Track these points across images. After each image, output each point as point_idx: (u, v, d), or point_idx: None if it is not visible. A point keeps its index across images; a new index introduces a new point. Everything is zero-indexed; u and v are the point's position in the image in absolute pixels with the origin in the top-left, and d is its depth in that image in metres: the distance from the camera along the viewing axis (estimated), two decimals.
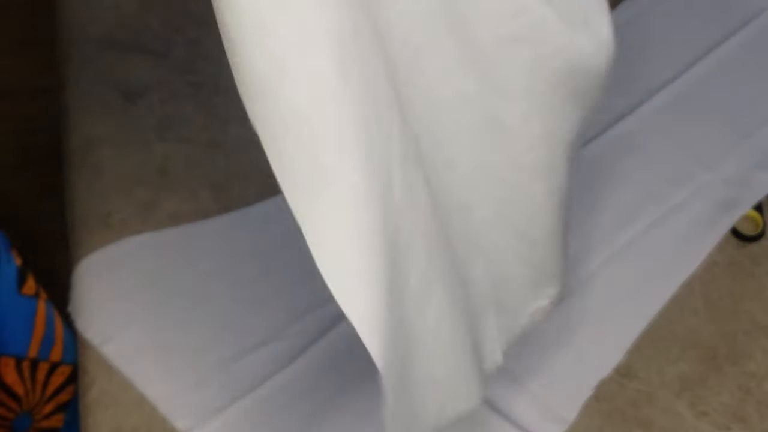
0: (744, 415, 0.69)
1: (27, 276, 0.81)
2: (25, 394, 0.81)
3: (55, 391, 0.85)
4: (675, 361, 0.71)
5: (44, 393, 0.84)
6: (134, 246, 0.79)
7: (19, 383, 0.79)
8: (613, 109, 0.89)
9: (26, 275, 0.81)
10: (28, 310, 0.81)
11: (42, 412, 0.84)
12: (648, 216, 0.80)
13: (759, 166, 0.83)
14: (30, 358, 0.80)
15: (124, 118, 0.90)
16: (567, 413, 0.68)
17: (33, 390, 0.82)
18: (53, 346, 0.83)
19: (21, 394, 0.80)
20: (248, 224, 0.81)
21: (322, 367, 0.71)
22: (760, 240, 0.79)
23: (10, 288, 0.78)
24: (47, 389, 0.84)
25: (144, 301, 0.75)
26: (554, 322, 0.73)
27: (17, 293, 0.78)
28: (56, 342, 0.84)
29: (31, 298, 0.81)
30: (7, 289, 0.78)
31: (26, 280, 0.80)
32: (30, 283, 0.81)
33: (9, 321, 0.78)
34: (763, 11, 0.98)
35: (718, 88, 0.91)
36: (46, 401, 0.84)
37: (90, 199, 0.83)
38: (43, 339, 0.82)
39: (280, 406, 0.69)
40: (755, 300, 0.75)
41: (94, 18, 1.00)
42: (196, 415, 0.68)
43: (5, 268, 0.78)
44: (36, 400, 0.83)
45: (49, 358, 0.83)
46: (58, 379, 0.84)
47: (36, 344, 0.81)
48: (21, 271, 0.80)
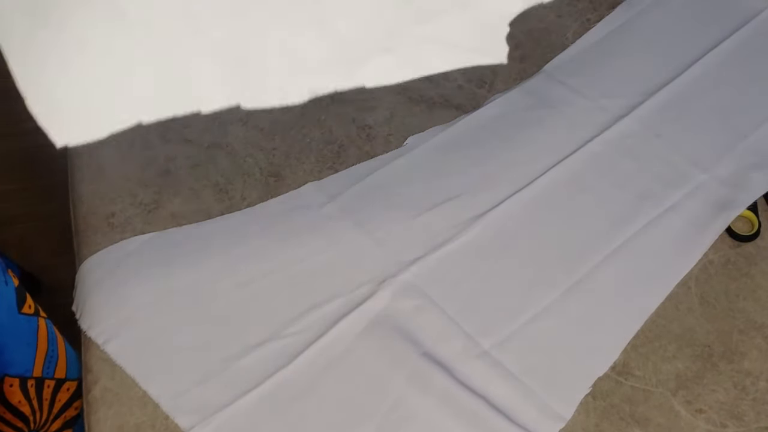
0: (739, 413, 0.69)
1: (25, 295, 0.81)
2: (31, 414, 0.81)
3: (62, 407, 0.85)
4: (671, 360, 0.72)
5: (51, 411, 0.83)
6: (137, 246, 0.80)
7: (26, 403, 0.79)
8: (610, 111, 0.90)
9: (24, 295, 0.81)
10: (30, 329, 0.81)
11: (50, 430, 0.84)
12: (644, 216, 0.81)
13: (754, 167, 0.84)
14: (35, 377, 0.80)
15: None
16: (564, 411, 0.69)
17: (40, 409, 0.82)
18: (57, 362, 0.83)
19: (28, 413, 0.80)
20: (249, 225, 0.81)
21: (322, 367, 0.71)
22: (756, 240, 0.80)
23: (10, 308, 0.78)
24: (54, 407, 0.84)
25: (147, 301, 0.76)
26: (552, 320, 0.74)
27: (17, 313, 0.79)
28: (60, 358, 0.84)
29: (31, 317, 0.81)
30: (7, 310, 0.78)
31: (25, 299, 0.80)
32: (29, 302, 0.81)
33: (11, 341, 0.78)
34: (758, 14, 0.98)
35: (714, 89, 0.91)
36: (54, 418, 0.84)
37: (94, 200, 0.84)
38: (46, 356, 0.82)
39: (281, 404, 0.69)
40: (750, 299, 0.76)
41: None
42: (198, 412, 0.69)
43: (4, 289, 0.78)
44: (44, 418, 0.83)
45: (54, 375, 0.83)
46: (64, 396, 0.85)
47: (40, 362, 0.81)
48: (19, 291, 0.80)
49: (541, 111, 0.90)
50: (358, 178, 0.84)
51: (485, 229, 0.80)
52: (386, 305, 0.74)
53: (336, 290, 0.76)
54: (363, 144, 0.88)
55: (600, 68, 0.94)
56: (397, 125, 0.90)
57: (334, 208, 0.82)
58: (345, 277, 0.77)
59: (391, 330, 0.73)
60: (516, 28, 1.00)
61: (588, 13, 1.01)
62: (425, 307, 0.74)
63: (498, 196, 0.82)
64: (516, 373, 0.71)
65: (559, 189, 0.83)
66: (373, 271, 0.77)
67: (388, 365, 0.71)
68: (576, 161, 0.85)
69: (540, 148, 0.87)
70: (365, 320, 0.73)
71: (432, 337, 0.72)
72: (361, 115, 0.91)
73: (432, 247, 0.78)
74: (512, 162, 0.85)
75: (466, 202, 0.82)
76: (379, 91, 0.93)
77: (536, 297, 0.75)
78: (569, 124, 0.89)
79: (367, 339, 0.73)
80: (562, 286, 0.76)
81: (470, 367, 0.71)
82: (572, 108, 0.90)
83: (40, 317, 0.82)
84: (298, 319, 0.74)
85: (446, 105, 0.92)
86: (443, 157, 0.86)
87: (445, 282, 0.76)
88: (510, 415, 0.68)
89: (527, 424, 0.68)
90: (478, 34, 0.98)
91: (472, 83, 0.94)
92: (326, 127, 0.90)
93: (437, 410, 0.68)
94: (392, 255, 0.78)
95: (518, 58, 0.97)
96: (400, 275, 0.76)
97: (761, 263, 0.78)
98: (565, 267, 0.77)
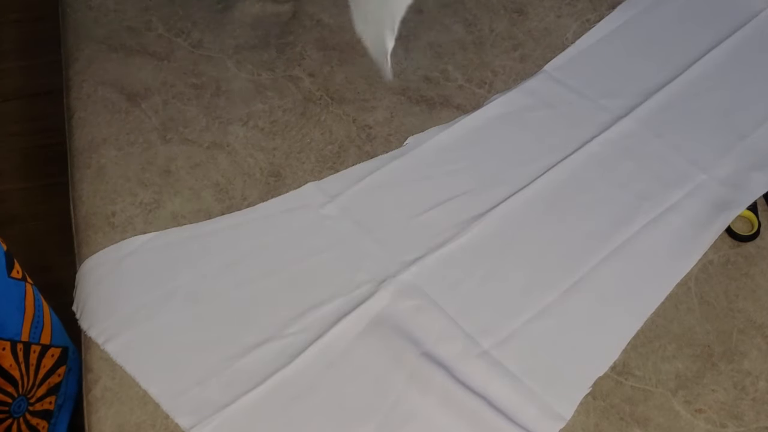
0: (739, 413, 0.69)
1: (13, 260, 0.81)
2: (20, 378, 0.81)
3: (47, 373, 0.85)
4: (671, 359, 0.72)
5: (37, 376, 0.83)
6: (138, 246, 0.80)
7: (15, 367, 0.79)
8: (610, 111, 0.90)
9: (13, 260, 0.81)
10: (19, 294, 0.81)
11: (35, 396, 0.84)
12: (644, 216, 0.81)
13: (754, 167, 0.84)
14: (23, 342, 0.80)
15: (127, 120, 0.91)
16: (564, 411, 0.69)
17: (27, 373, 0.82)
18: (43, 328, 0.83)
19: (17, 377, 0.80)
20: (249, 225, 0.81)
21: (322, 367, 0.71)
22: (755, 240, 0.80)
23: (0, 272, 0.78)
24: (39, 372, 0.84)
25: (147, 300, 0.76)
26: (552, 320, 0.74)
27: (7, 277, 0.78)
28: (45, 324, 0.84)
29: (19, 282, 0.81)
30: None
31: (13, 264, 0.80)
32: (17, 267, 0.81)
33: (2, 305, 0.78)
34: (757, 14, 0.99)
35: (714, 89, 0.91)
36: (39, 384, 0.84)
37: (94, 200, 0.84)
38: (33, 322, 0.82)
39: (281, 404, 0.69)
40: (750, 299, 0.76)
41: (97, 21, 1.01)
42: (198, 412, 0.69)
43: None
44: (30, 382, 0.83)
45: (39, 340, 0.83)
46: (48, 361, 0.84)
47: (27, 327, 0.81)
48: (8, 255, 0.80)
49: (541, 111, 0.90)
50: (358, 178, 0.84)
51: (485, 229, 0.80)
52: (386, 305, 0.74)
53: (336, 290, 0.76)
54: (363, 144, 0.88)
55: (600, 68, 0.94)
56: (397, 125, 0.90)
57: (334, 208, 0.82)
58: (345, 277, 0.77)
59: (391, 330, 0.73)
60: (516, 28, 1.00)
61: (588, 13, 1.01)
62: (425, 307, 0.74)
63: (498, 196, 0.82)
64: (516, 373, 0.71)
65: (559, 189, 0.83)
66: (373, 271, 0.77)
67: (388, 365, 0.71)
68: (576, 161, 0.85)
69: (540, 148, 0.87)
70: (365, 320, 0.73)
71: (432, 337, 0.73)
72: (361, 115, 0.91)
73: (432, 247, 0.79)
74: (512, 162, 0.85)
75: (466, 202, 0.82)
76: (379, 91, 0.93)
77: (536, 297, 0.76)
78: (569, 124, 0.89)
79: (367, 339, 0.73)
80: (562, 286, 0.76)
81: (470, 366, 0.71)
82: (572, 108, 0.90)
83: (27, 283, 0.82)
84: (298, 319, 0.74)
85: (446, 105, 0.92)
86: (443, 157, 0.86)
87: (445, 282, 0.76)
88: (510, 415, 0.68)
89: (527, 424, 0.68)
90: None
91: (472, 83, 0.94)
92: (326, 127, 0.90)
93: (437, 410, 0.68)
94: (392, 255, 0.78)
95: (518, 58, 0.97)
96: (400, 275, 0.76)
97: (761, 263, 0.78)
98: (565, 267, 0.78)
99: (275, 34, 0.99)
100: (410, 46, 0.98)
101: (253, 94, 0.93)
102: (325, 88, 0.94)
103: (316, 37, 0.99)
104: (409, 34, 0.99)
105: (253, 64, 0.96)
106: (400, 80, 0.94)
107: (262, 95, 0.93)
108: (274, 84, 0.94)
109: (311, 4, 1.03)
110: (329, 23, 1.01)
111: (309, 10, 1.02)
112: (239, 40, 0.98)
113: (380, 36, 0.65)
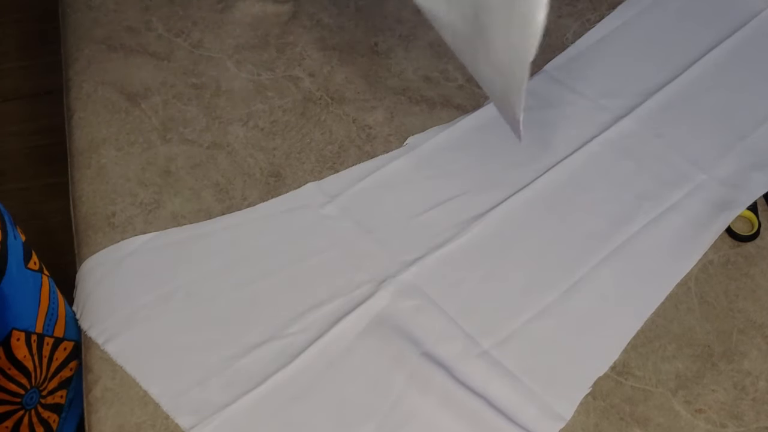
0: (739, 413, 0.69)
1: (31, 251, 0.81)
2: (33, 370, 0.81)
3: (59, 366, 0.85)
4: (671, 359, 0.72)
5: (49, 368, 0.83)
6: (138, 246, 0.80)
7: (29, 358, 0.79)
8: (610, 110, 0.90)
9: (30, 250, 0.81)
10: (35, 285, 0.80)
11: (47, 389, 0.84)
12: (644, 216, 0.81)
13: (754, 167, 0.84)
14: (37, 333, 0.80)
15: (127, 120, 0.91)
16: (564, 411, 0.69)
17: (40, 365, 0.82)
18: (57, 321, 0.83)
19: (30, 369, 0.80)
20: (250, 224, 0.82)
21: (322, 367, 0.71)
22: (755, 240, 0.80)
23: (18, 263, 0.77)
24: (52, 365, 0.83)
25: (147, 300, 0.76)
26: (552, 320, 0.74)
27: (24, 267, 0.78)
28: (59, 317, 0.84)
29: (36, 273, 0.80)
30: (16, 264, 0.77)
31: (31, 255, 0.80)
32: (34, 258, 0.81)
33: (19, 295, 0.77)
34: (757, 14, 0.98)
35: (714, 89, 0.91)
36: (51, 377, 0.84)
37: (94, 200, 0.84)
38: (47, 314, 0.82)
39: (281, 404, 0.69)
40: (750, 299, 0.76)
41: (97, 22, 1.01)
42: (199, 412, 0.69)
43: (13, 243, 0.77)
44: (43, 375, 0.83)
45: (53, 333, 0.83)
46: (61, 354, 0.84)
47: (41, 319, 0.81)
48: (26, 246, 0.80)
49: (541, 111, 0.90)
50: (359, 178, 0.84)
51: (485, 229, 0.80)
52: (386, 305, 0.74)
53: (336, 290, 0.76)
54: (363, 144, 0.88)
55: (600, 68, 0.94)
56: (397, 125, 0.90)
57: (334, 208, 0.82)
58: (345, 277, 0.77)
59: (392, 330, 0.73)
60: None
61: (588, 13, 1.01)
62: (425, 307, 0.75)
63: (498, 196, 0.82)
64: (516, 373, 0.71)
65: (559, 189, 0.83)
66: (373, 271, 0.77)
67: (388, 365, 0.71)
68: (576, 161, 0.85)
69: (540, 148, 0.87)
70: (365, 320, 0.74)
71: (432, 337, 0.73)
72: (361, 115, 0.91)
73: (432, 247, 0.79)
74: (512, 162, 0.85)
75: (466, 202, 0.82)
76: (379, 91, 0.93)
77: (536, 297, 0.76)
78: (569, 124, 0.89)
79: (367, 339, 0.73)
80: (562, 286, 0.76)
81: (470, 366, 0.71)
82: (572, 108, 0.90)
83: (44, 274, 0.82)
84: (298, 319, 0.74)
85: (446, 105, 0.92)
86: (443, 157, 0.87)
87: (445, 282, 0.76)
88: (510, 415, 0.68)
89: (527, 424, 0.68)
90: None
91: (472, 83, 0.94)
92: (326, 127, 0.90)
93: (437, 410, 0.68)
94: (392, 255, 0.78)
95: None
96: (400, 275, 0.76)
97: (761, 263, 0.78)
98: (565, 267, 0.78)
99: (275, 34, 0.99)
100: (410, 46, 0.98)
101: (253, 94, 0.93)
102: (325, 88, 0.94)
103: (316, 37, 0.99)
104: (409, 34, 0.99)
105: (253, 64, 0.96)
106: (400, 80, 0.94)
107: (262, 95, 0.93)
108: (274, 84, 0.94)
109: (311, 4, 1.03)
110: (329, 23, 1.01)
111: (309, 10, 1.02)
112: (239, 40, 0.98)
113: (510, 103, 0.67)
